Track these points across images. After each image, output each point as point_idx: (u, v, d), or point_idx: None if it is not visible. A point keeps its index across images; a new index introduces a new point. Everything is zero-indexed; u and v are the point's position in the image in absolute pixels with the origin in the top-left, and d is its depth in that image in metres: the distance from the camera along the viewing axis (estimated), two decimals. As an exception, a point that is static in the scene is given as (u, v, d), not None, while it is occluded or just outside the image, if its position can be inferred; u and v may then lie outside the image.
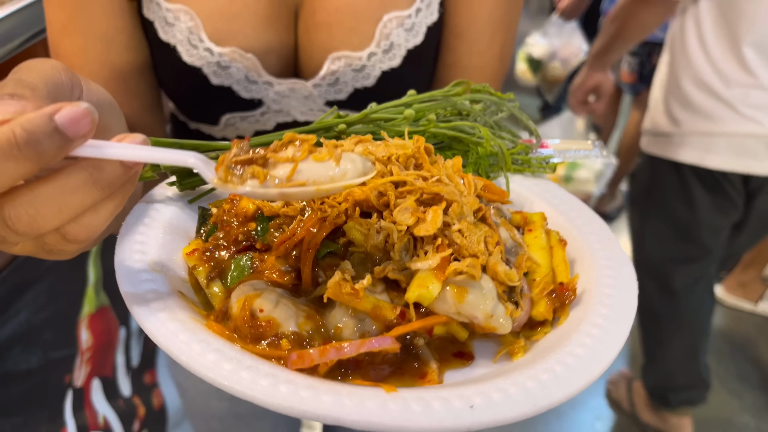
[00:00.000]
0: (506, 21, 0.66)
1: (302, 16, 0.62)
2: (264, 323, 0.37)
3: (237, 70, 0.62)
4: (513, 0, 0.66)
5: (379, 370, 0.37)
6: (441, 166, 0.43)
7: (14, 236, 0.34)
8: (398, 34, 0.62)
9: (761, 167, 1.64)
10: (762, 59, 1.54)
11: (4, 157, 0.30)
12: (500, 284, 0.39)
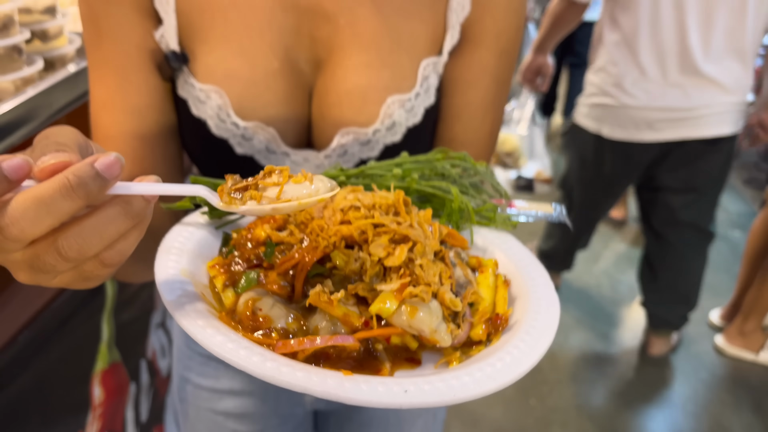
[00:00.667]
0: (496, 103, 0.77)
1: (316, 96, 0.72)
2: (261, 319, 0.49)
3: (259, 142, 0.72)
4: (502, 85, 0.77)
5: (344, 363, 0.48)
6: (414, 215, 0.54)
7: (63, 264, 0.41)
8: (399, 114, 0.72)
9: (644, 137, 2.09)
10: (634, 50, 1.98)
11: (62, 198, 0.38)
12: (447, 308, 0.49)
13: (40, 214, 0.38)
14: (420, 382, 0.44)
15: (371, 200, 0.55)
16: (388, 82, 0.71)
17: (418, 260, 0.50)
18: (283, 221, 0.58)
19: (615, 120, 2.12)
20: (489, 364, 0.46)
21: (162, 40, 0.70)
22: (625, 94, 2.06)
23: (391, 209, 0.54)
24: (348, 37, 0.70)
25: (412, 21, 0.72)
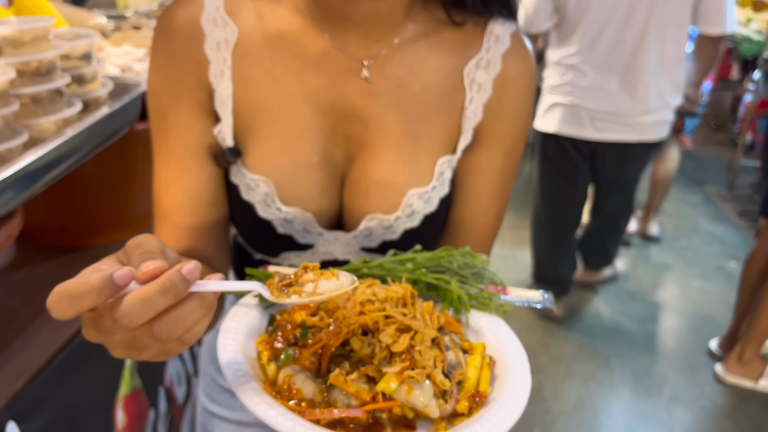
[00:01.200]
0: (502, 193, 0.88)
1: (347, 186, 0.83)
2: (294, 391, 0.62)
3: (298, 224, 0.82)
4: (508, 177, 0.87)
5: (356, 428, 0.60)
6: (418, 307, 0.67)
7: (155, 345, 0.52)
8: (418, 204, 0.82)
9: (587, 134, 2.55)
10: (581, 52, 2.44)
11: (160, 297, 0.49)
12: (437, 386, 0.62)
13: (144, 309, 0.48)
14: None
15: (385, 294, 0.68)
16: (409, 178, 0.81)
17: (418, 347, 0.62)
18: (315, 308, 0.72)
19: (568, 118, 2.59)
20: (469, 430, 0.58)
21: (219, 135, 0.81)
22: (575, 98, 2.53)
23: (400, 301, 0.67)
24: (377, 138, 0.80)
25: (431, 126, 0.82)
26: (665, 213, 4.07)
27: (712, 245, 3.73)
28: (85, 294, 0.47)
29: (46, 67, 1.06)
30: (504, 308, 0.75)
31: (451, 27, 0.83)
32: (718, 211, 4.14)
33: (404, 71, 0.81)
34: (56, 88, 1.08)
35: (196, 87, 0.79)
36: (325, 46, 0.79)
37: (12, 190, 0.95)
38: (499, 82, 0.83)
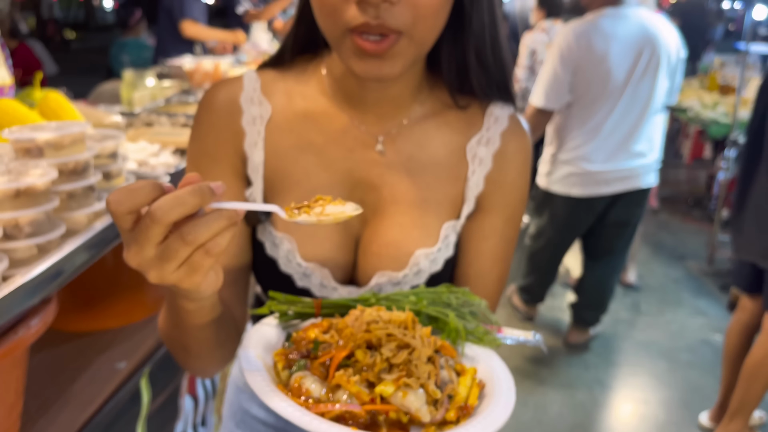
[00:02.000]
0: (503, 255, 0.96)
1: (361, 246, 0.92)
2: (304, 390, 0.69)
3: (315, 278, 0.91)
4: (508, 243, 0.96)
5: (355, 425, 0.67)
6: (417, 330, 0.74)
7: (184, 248, 0.58)
8: (424, 264, 0.90)
9: (585, 192, 3.04)
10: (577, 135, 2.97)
11: (190, 196, 0.56)
12: (429, 396, 0.69)
13: (176, 203, 0.56)
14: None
15: (389, 317, 0.75)
16: (417, 240, 0.90)
17: (414, 361, 0.70)
18: (327, 326, 0.77)
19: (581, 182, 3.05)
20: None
21: (251, 197, 0.91)
22: (588, 164, 3.00)
23: (403, 324, 0.74)
24: (388, 204, 0.90)
25: (437, 194, 0.92)
26: (649, 288, 4.19)
27: (696, 319, 3.83)
28: (140, 189, 0.56)
29: (81, 167, 1.17)
30: (497, 343, 0.82)
31: (455, 109, 0.93)
32: (701, 285, 4.26)
33: (414, 146, 0.91)
34: (90, 185, 1.19)
35: (232, 154, 0.90)
36: (345, 123, 0.90)
37: (52, 278, 1.05)
38: (499, 157, 0.92)
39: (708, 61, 6.51)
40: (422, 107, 0.92)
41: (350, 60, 0.77)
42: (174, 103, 2.61)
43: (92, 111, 1.79)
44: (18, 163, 1.10)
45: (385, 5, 0.71)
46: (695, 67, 6.66)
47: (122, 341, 1.48)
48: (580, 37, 2.84)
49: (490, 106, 0.94)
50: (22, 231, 1.05)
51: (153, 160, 1.60)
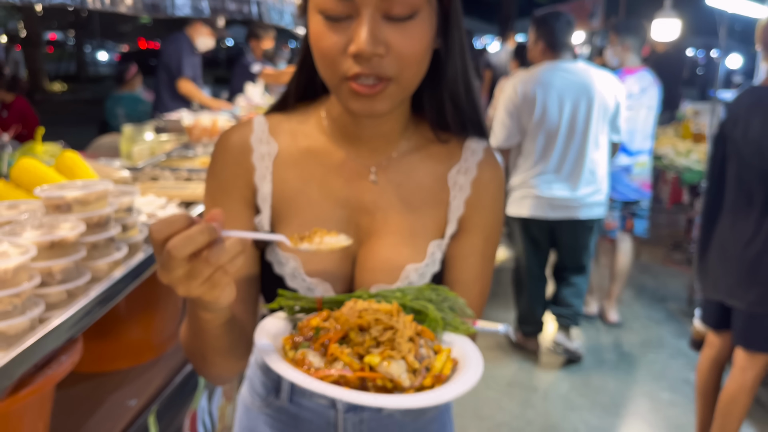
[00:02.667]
0: (483, 272, 1.09)
1: (358, 263, 1.05)
2: (307, 362, 0.81)
3: (318, 291, 1.03)
4: (488, 261, 1.09)
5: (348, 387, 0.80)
6: (401, 317, 0.87)
7: (207, 268, 0.72)
8: (414, 277, 1.03)
9: (533, 213, 3.51)
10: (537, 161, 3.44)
11: (199, 234, 0.71)
12: (410, 366, 0.81)
13: (187, 242, 0.71)
14: (390, 396, 0.79)
15: (378, 307, 0.88)
16: (406, 256, 1.03)
17: (397, 339, 0.83)
18: (327, 315, 0.91)
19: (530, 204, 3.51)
20: (428, 395, 0.79)
21: (259, 224, 1.04)
22: (534, 189, 3.47)
23: (389, 312, 0.87)
24: (381, 226, 1.04)
25: (423, 217, 1.05)
26: (632, 330, 4.31)
27: (677, 359, 3.95)
28: (174, 221, 0.71)
29: (104, 220, 1.31)
30: (471, 331, 0.94)
31: (438, 143, 1.05)
32: (681, 326, 4.39)
33: (402, 176, 1.04)
34: (111, 236, 1.33)
35: (243, 187, 1.04)
36: (342, 157, 1.04)
37: (80, 320, 1.18)
38: (476, 184, 1.04)
39: (684, 109, 6.79)
40: (409, 142, 1.06)
41: (348, 101, 0.91)
42: (175, 158, 2.76)
43: (102, 166, 1.94)
44: (50, 218, 1.24)
45: (377, 58, 0.86)
46: (673, 115, 6.95)
47: (132, 381, 1.60)
48: (519, 86, 3.40)
49: (468, 140, 1.07)
50: (54, 278, 1.18)
51: (161, 213, 1.74)
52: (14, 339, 1.07)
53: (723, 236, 2.61)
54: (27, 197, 1.58)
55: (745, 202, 2.52)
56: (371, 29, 0.84)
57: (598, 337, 4.21)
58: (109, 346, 1.61)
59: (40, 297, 1.15)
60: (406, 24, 0.86)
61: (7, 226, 1.22)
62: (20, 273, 1.07)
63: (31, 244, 1.11)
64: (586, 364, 3.87)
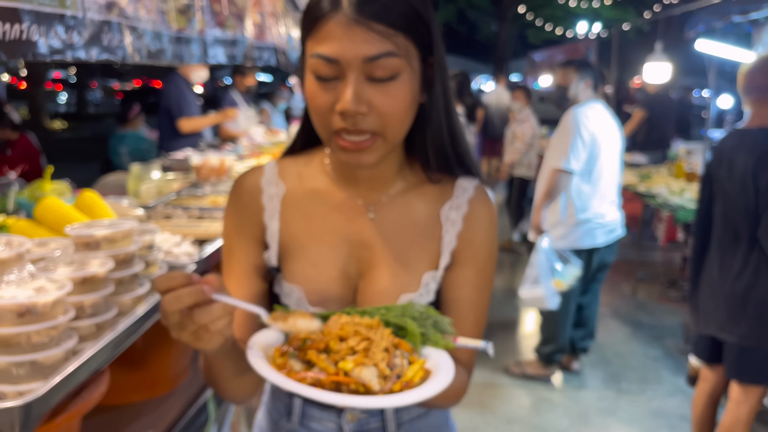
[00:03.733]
0: (477, 303, 1.14)
1: (359, 292, 1.11)
2: (288, 367, 0.87)
3: None
4: (482, 292, 1.14)
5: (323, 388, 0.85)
6: (380, 330, 0.93)
7: (191, 325, 0.81)
8: None
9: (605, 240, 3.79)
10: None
11: (186, 295, 0.79)
12: (381, 373, 0.87)
13: (175, 300, 0.81)
14: (354, 397, 0.85)
15: (360, 321, 0.94)
16: (402, 286, 1.10)
17: (372, 348, 0.89)
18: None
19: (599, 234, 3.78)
20: (390, 397, 0.86)
21: (267, 258, 1.12)
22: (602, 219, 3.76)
23: (369, 326, 0.93)
24: (379, 259, 1.11)
25: (418, 250, 1.12)
26: (630, 367, 4.36)
27: (675, 396, 3.98)
28: (173, 278, 0.81)
29: (130, 257, 1.39)
30: (450, 346, 0.99)
31: (431, 183, 1.12)
32: (679, 363, 4.43)
33: (397, 213, 1.11)
34: (135, 273, 1.40)
35: (254, 226, 1.13)
36: (343, 197, 1.12)
37: (109, 352, 1.24)
38: (467, 219, 1.11)
39: (676, 149, 6.93)
40: (404, 182, 1.14)
41: (337, 153, 1.01)
42: (184, 196, 2.84)
43: (119, 205, 2.01)
44: (80, 255, 1.31)
45: (360, 115, 0.94)
46: (664, 154, 7.10)
47: (148, 413, 1.65)
48: (592, 118, 3.66)
49: (459, 179, 1.13)
50: (85, 312, 1.25)
51: (176, 250, 1.82)
52: (49, 369, 1.13)
53: (712, 272, 2.70)
54: (50, 235, 1.65)
55: (731, 238, 2.62)
56: (355, 90, 0.93)
57: (597, 374, 4.25)
58: (128, 379, 1.67)
59: (73, 329, 1.21)
60: (388, 85, 0.95)
61: (41, 262, 1.29)
62: (57, 307, 1.14)
63: (66, 280, 1.17)
64: (584, 401, 3.90)
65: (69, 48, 1.29)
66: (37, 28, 1.18)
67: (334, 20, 0.92)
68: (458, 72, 5.17)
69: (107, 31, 1.41)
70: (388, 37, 0.92)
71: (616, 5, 21.18)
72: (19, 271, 1.19)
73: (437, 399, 1.01)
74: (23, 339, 1.10)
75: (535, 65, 14.82)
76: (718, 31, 5.32)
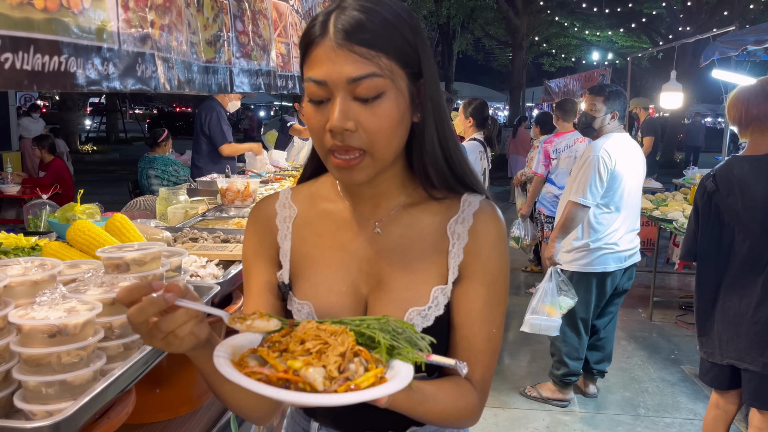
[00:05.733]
0: (490, 318, 1.14)
1: (369, 307, 1.14)
2: (244, 363, 0.89)
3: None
4: (494, 307, 1.11)
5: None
6: (343, 337, 0.94)
7: (159, 333, 0.85)
8: (417, 320, 1.10)
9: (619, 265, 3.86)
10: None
11: (149, 306, 0.85)
12: (328, 374, 0.88)
13: (139, 312, 0.86)
14: (300, 394, 0.86)
15: (326, 327, 0.96)
16: (410, 300, 1.12)
17: (327, 352, 0.90)
18: (286, 332, 0.97)
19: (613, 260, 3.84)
20: (330, 397, 0.86)
21: (280, 276, 1.17)
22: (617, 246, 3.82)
23: (334, 333, 0.94)
24: (387, 273, 1.13)
25: (425, 264, 1.14)
26: (647, 392, 4.32)
27: (694, 422, 3.94)
28: (134, 290, 0.87)
29: (158, 279, 1.43)
30: (420, 360, 0.97)
31: (436, 199, 1.14)
32: (697, 389, 4.39)
33: (404, 227, 1.13)
34: (162, 295, 1.44)
35: (269, 247, 1.19)
36: (350, 214, 1.16)
37: (135, 372, 1.28)
38: (473, 232, 1.11)
39: (690, 175, 6.93)
40: (409, 198, 1.17)
41: (333, 171, 1.06)
42: (210, 218, 2.90)
43: (146, 227, 2.07)
44: (110, 277, 1.35)
45: (348, 132, 0.99)
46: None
47: (171, 432, 1.68)
48: (613, 153, 3.67)
49: (465, 194, 1.15)
50: (113, 332, 1.29)
51: (202, 272, 1.86)
52: (78, 389, 1.16)
53: (729, 301, 2.69)
54: (81, 256, 1.70)
55: (750, 267, 2.61)
56: (341, 108, 0.98)
57: (614, 398, 4.22)
58: (151, 398, 1.70)
59: (101, 350, 1.25)
60: (373, 104, 0.99)
61: (72, 283, 1.33)
62: (87, 328, 1.18)
63: (96, 301, 1.22)
64: (601, 425, 3.88)
65: (105, 79, 1.34)
66: (75, 60, 1.24)
67: (321, 46, 0.98)
68: (477, 99, 5.23)
69: (141, 63, 1.47)
70: (371, 58, 0.97)
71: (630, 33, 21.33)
72: (51, 293, 1.23)
73: (435, 415, 1.06)
74: (54, 359, 1.14)
75: (551, 93, 14.91)
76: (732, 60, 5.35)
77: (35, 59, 1.13)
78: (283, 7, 2.55)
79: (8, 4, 1.05)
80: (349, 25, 0.97)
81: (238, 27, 2.16)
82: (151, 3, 1.56)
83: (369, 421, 1.17)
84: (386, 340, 0.98)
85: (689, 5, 18.17)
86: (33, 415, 1.13)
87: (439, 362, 0.98)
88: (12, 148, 11.87)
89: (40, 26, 1.13)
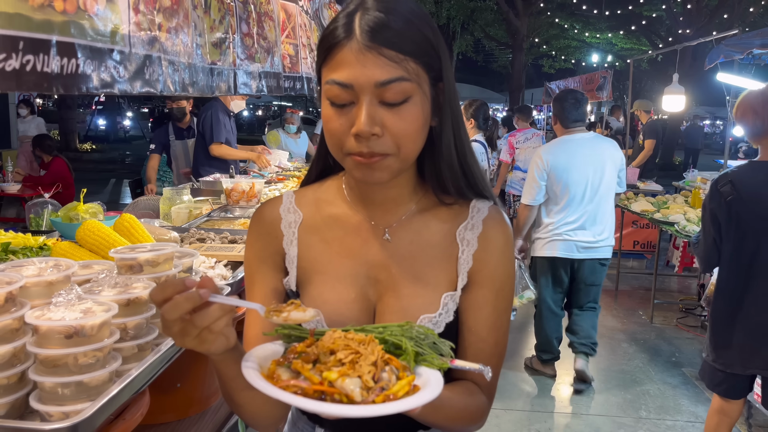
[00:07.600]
0: (497, 323, 1.15)
1: (378, 314, 1.13)
2: (276, 376, 0.88)
3: None
4: (501, 313, 1.12)
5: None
6: (371, 346, 0.94)
7: (194, 329, 0.84)
8: (428, 326, 1.08)
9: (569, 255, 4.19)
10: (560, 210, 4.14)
11: (184, 302, 0.83)
12: (364, 385, 0.88)
13: (174, 308, 0.84)
14: (340, 406, 0.86)
15: (353, 336, 0.96)
16: (420, 307, 1.11)
17: (360, 362, 0.90)
18: (311, 342, 0.98)
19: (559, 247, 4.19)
20: (373, 407, 0.86)
21: (287, 283, 1.16)
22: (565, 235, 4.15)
23: (362, 341, 0.94)
24: (397, 280, 1.13)
25: (435, 270, 1.14)
26: (648, 394, 4.33)
27: (695, 425, 3.95)
28: (168, 287, 0.85)
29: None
30: (444, 366, 0.97)
31: (445, 206, 1.13)
32: (698, 391, 4.40)
33: (413, 234, 1.12)
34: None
35: (274, 253, 1.16)
36: (360, 220, 1.14)
37: (150, 372, 1.28)
38: (482, 239, 1.11)
39: (691, 177, 6.94)
40: (418, 205, 1.16)
41: (352, 170, 1.03)
42: (215, 219, 2.90)
43: (155, 228, 2.07)
44: (124, 278, 1.36)
45: (374, 137, 0.97)
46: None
47: (181, 433, 1.68)
48: (545, 155, 4.13)
49: (474, 200, 1.15)
50: (128, 334, 1.29)
51: (211, 273, 1.86)
52: (94, 390, 1.17)
53: (753, 311, 2.68)
54: (91, 257, 1.71)
55: None
56: (369, 113, 0.96)
57: (615, 400, 4.23)
58: (160, 400, 1.70)
59: (116, 351, 1.26)
60: (400, 108, 0.98)
61: (86, 284, 1.34)
62: (104, 329, 1.18)
63: (112, 303, 1.22)
64: (603, 428, 3.88)
65: (116, 81, 1.35)
66: (90, 63, 1.25)
67: (348, 47, 0.96)
68: (478, 100, 5.26)
69: (149, 65, 1.47)
70: (399, 62, 0.96)
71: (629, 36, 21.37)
72: (67, 293, 1.24)
73: (448, 420, 1.05)
74: (70, 360, 1.15)
75: (551, 94, 14.94)
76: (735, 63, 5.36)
77: (54, 62, 1.13)
78: (292, 8, 2.56)
79: (30, 6, 1.05)
80: (377, 26, 0.96)
81: (243, 29, 2.17)
82: (159, 5, 1.57)
83: (377, 425, 1.16)
84: (412, 347, 0.98)
85: (689, 8, 18.20)
86: (49, 416, 1.13)
87: (463, 367, 0.99)
88: (12, 147, 11.87)
89: (60, 28, 1.14)
